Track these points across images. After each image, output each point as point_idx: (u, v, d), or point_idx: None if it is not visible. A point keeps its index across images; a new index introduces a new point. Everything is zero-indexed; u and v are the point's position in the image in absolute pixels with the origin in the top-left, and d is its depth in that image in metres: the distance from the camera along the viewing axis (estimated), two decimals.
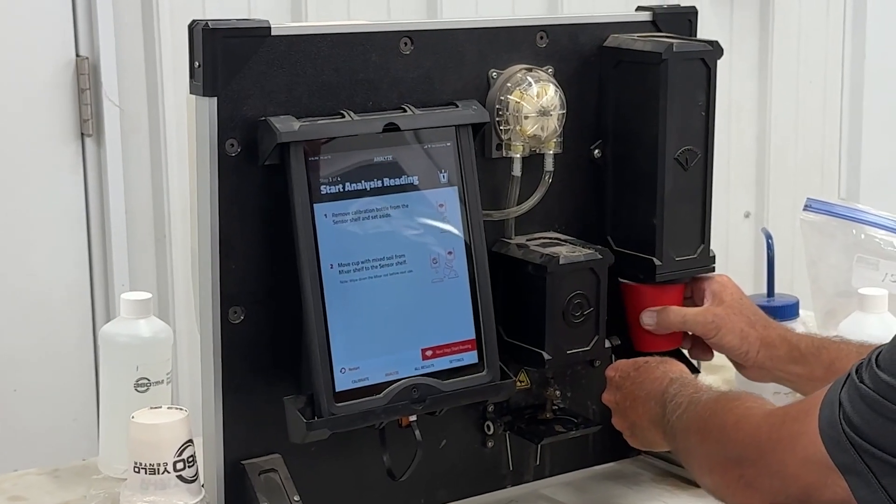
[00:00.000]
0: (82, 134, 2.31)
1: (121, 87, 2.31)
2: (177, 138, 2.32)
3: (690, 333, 1.59)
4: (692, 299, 1.60)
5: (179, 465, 1.37)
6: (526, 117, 1.49)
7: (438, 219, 1.44)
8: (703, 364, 1.74)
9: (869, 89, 3.21)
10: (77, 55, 2.29)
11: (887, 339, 1.64)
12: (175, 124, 2.32)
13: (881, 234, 1.89)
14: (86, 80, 2.28)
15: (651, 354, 1.60)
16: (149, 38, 2.33)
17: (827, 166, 3.22)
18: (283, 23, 1.42)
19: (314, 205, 1.37)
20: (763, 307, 1.65)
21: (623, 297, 1.60)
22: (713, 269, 1.60)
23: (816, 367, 1.49)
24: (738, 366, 1.57)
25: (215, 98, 1.35)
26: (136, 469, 1.37)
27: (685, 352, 1.62)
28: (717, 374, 1.97)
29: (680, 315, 1.55)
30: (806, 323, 1.77)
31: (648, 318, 1.57)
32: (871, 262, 1.87)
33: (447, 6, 2.60)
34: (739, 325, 1.54)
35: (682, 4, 1.73)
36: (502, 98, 1.50)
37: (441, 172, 1.44)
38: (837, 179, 3.24)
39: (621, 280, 1.58)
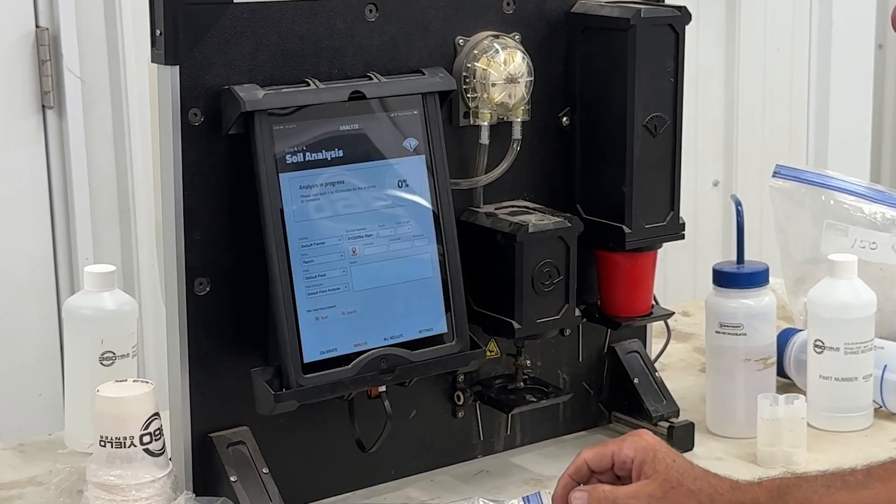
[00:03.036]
0: (43, 106, 2.28)
1: (82, 58, 2.28)
2: (139, 109, 2.30)
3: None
4: (616, 470, 1.34)
5: (146, 439, 1.36)
6: (493, 85, 1.48)
7: (406, 188, 1.42)
8: (674, 333, 1.74)
9: (836, 56, 3.21)
10: (37, 26, 2.25)
11: (857, 305, 1.65)
12: (137, 95, 2.29)
13: (850, 199, 1.88)
14: (46, 51, 2.25)
15: (622, 323, 1.60)
16: (109, 7, 2.30)
17: (795, 134, 3.21)
18: None
19: (280, 174, 1.35)
20: (733, 274, 1.65)
21: (596, 264, 1.60)
22: (683, 237, 1.60)
23: None
24: None
25: (177, 67, 1.33)
26: (102, 443, 1.36)
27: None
28: (687, 342, 1.97)
29: (611, 497, 1.30)
30: (776, 290, 1.76)
31: (577, 501, 1.33)
32: (840, 229, 1.87)
33: None
34: (682, 501, 1.28)
35: None
36: (469, 65, 1.49)
37: (408, 141, 1.43)
38: (805, 147, 3.24)
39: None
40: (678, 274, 2.89)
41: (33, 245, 2.30)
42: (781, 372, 1.75)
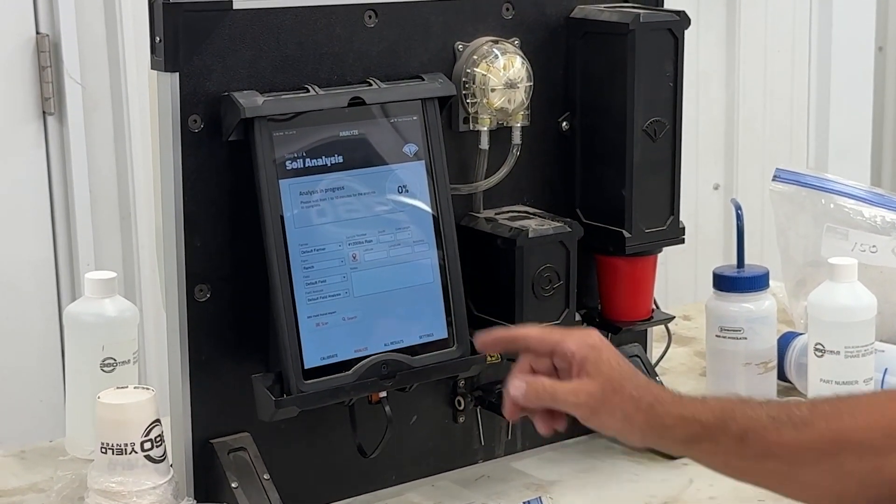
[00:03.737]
0: (44, 112, 2.28)
1: (82, 64, 2.28)
2: (140, 115, 2.30)
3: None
4: (560, 370, 1.28)
5: (147, 445, 1.36)
6: (493, 90, 1.48)
7: (406, 194, 1.42)
8: (674, 337, 1.74)
9: (836, 58, 3.21)
10: (37, 32, 2.26)
11: (857, 308, 1.64)
12: (138, 101, 2.29)
13: (850, 203, 1.88)
14: (46, 57, 2.25)
15: (623, 328, 1.60)
16: (110, 13, 2.30)
17: (795, 137, 3.21)
18: None
19: (280, 180, 1.35)
20: (733, 278, 1.65)
21: (596, 269, 1.60)
22: (683, 241, 1.60)
23: (724, 440, 1.20)
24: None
25: (177, 73, 1.33)
26: (104, 450, 1.36)
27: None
28: (688, 345, 1.97)
29: (549, 391, 1.25)
30: (776, 293, 1.77)
31: (515, 390, 1.26)
32: (840, 232, 1.87)
33: None
34: (621, 405, 1.23)
35: None
36: (469, 71, 1.49)
37: (408, 146, 1.43)
38: (806, 150, 3.24)
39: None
40: (679, 277, 2.89)
41: (34, 251, 2.30)
42: (782, 376, 1.75)
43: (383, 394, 1.42)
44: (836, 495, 1.18)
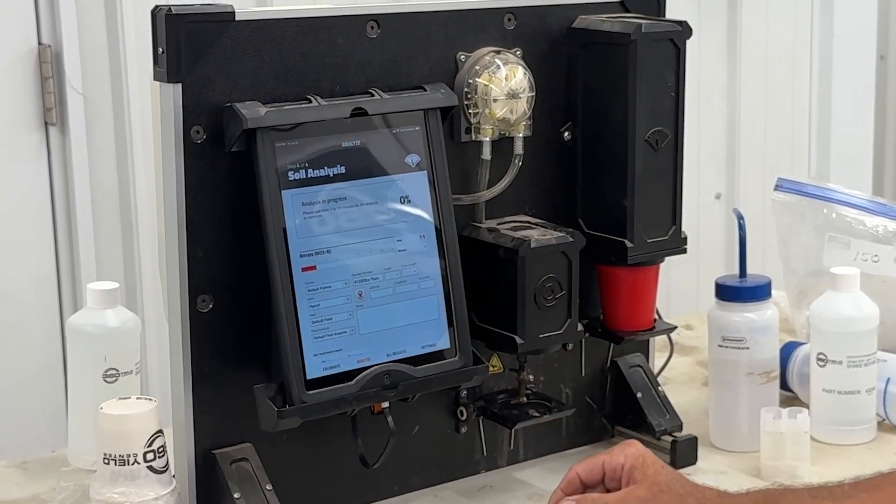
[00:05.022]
0: (46, 123, 2.28)
1: (84, 75, 2.28)
2: (142, 126, 2.30)
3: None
4: (606, 482, 1.36)
5: (150, 456, 1.36)
6: (495, 100, 1.48)
7: (408, 204, 1.42)
8: (676, 347, 1.74)
9: (837, 68, 3.21)
10: (39, 43, 2.26)
11: (859, 318, 1.64)
12: (140, 112, 2.29)
13: (852, 213, 1.89)
14: (48, 68, 2.25)
15: (625, 338, 1.60)
16: (112, 24, 2.30)
17: (797, 146, 3.21)
18: (247, 7, 1.41)
19: (282, 191, 1.35)
20: (735, 288, 1.65)
21: (598, 279, 1.60)
22: (685, 251, 1.60)
23: None
24: None
25: (180, 84, 1.33)
26: (106, 460, 1.36)
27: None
28: (690, 355, 1.97)
29: (599, 503, 1.32)
30: (778, 303, 1.76)
31: None
32: (842, 241, 1.87)
33: None
34: None
35: None
36: (471, 81, 1.49)
37: (410, 157, 1.43)
38: (807, 159, 3.24)
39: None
40: (681, 286, 2.89)
41: (36, 261, 2.30)
42: (784, 385, 1.75)
43: (386, 404, 1.42)
44: None
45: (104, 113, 2.32)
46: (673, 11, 1.64)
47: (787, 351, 1.77)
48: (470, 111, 1.50)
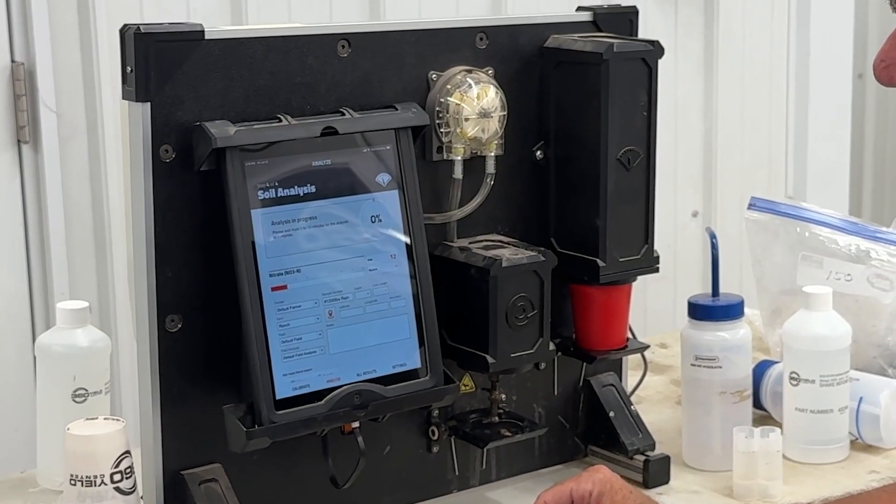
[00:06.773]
0: (19, 141, 2.27)
1: (58, 93, 2.27)
2: (115, 144, 2.29)
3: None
4: None
5: (117, 477, 1.35)
6: (466, 119, 1.48)
7: (379, 223, 1.42)
8: (651, 365, 1.74)
9: (815, 86, 3.22)
10: (12, 61, 2.25)
11: (832, 337, 1.64)
12: (114, 130, 2.28)
13: (825, 231, 1.89)
14: (21, 85, 2.24)
15: (597, 357, 1.60)
16: (85, 42, 2.29)
17: (774, 165, 3.22)
18: (219, 26, 1.40)
19: (252, 210, 1.35)
20: (708, 307, 1.65)
21: (571, 298, 1.59)
22: (657, 270, 1.60)
23: None
24: None
25: (148, 103, 1.33)
26: (73, 481, 1.35)
27: None
28: (664, 374, 1.96)
29: None
30: (752, 321, 1.76)
31: None
32: (815, 260, 1.87)
33: (390, 7, 2.58)
34: None
35: (623, 4, 1.72)
36: (442, 100, 1.49)
37: (381, 176, 1.42)
38: (784, 178, 3.24)
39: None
40: (658, 305, 2.89)
41: (8, 280, 2.28)
42: (758, 404, 1.75)
43: (356, 424, 1.41)
44: None
45: (77, 131, 2.31)
46: (650, 30, 1.64)
47: (761, 370, 1.77)
48: (441, 130, 1.49)
